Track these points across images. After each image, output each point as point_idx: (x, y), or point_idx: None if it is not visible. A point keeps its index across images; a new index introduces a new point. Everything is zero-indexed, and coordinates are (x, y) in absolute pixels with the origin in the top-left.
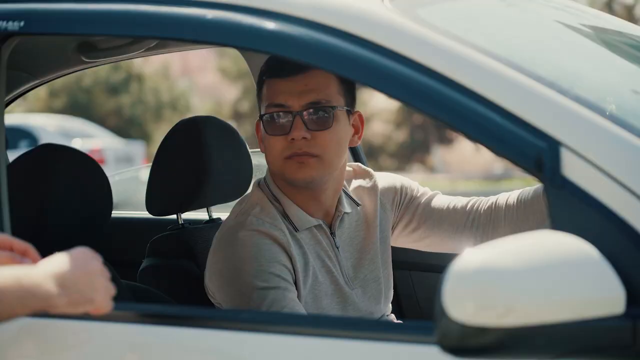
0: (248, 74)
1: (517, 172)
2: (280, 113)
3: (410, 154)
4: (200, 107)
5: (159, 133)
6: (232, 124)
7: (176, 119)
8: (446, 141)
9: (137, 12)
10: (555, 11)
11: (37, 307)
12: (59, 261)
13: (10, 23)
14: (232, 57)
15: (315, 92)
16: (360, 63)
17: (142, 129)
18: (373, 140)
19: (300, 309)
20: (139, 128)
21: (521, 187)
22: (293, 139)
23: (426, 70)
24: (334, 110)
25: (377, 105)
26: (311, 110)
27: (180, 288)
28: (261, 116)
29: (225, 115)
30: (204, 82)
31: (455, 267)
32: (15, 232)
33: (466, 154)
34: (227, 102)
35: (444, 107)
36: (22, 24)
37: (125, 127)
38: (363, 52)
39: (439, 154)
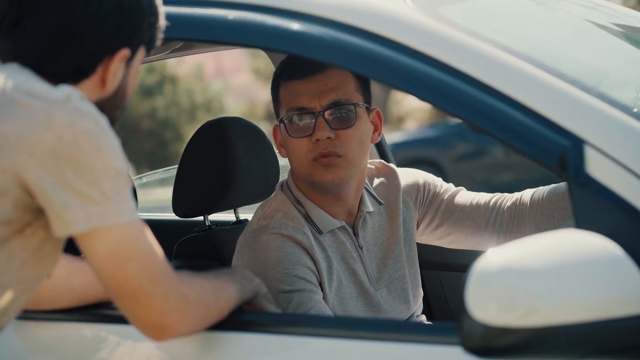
0: None
1: None
2: (303, 115)
3: None
4: (234, 108)
5: None
6: (266, 124)
7: None
8: None
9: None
10: (585, 10)
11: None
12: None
13: None
14: (266, 58)
15: (335, 91)
16: (382, 62)
17: (177, 130)
18: None
19: (327, 310)
20: (173, 130)
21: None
22: (318, 139)
23: (448, 68)
24: (356, 107)
25: (411, 104)
26: (333, 109)
27: None
28: (281, 120)
29: (259, 116)
30: (237, 83)
31: (478, 267)
32: None
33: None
34: (261, 103)
35: (466, 105)
36: None
37: (160, 129)
38: (385, 51)
39: None
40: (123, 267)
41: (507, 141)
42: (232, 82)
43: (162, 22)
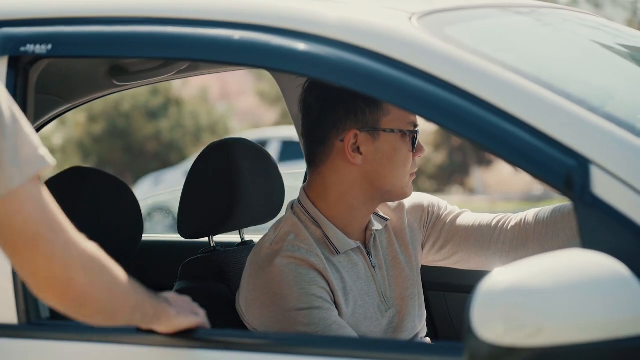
0: None
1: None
2: (417, 131)
3: (449, 175)
4: (239, 131)
5: None
6: None
7: None
8: (485, 162)
9: (165, 34)
10: (591, 30)
11: (151, 315)
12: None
13: (38, 46)
14: (271, 81)
15: None
16: (388, 82)
17: (182, 153)
18: None
19: (347, 326)
20: (178, 152)
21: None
22: (419, 155)
23: (454, 89)
24: None
25: None
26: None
27: (212, 311)
28: (401, 130)
29: None
30: (242, 105)
31: (484, 286)
32: None
33: (505, 175)
34: (265, 125)
35: (472, 126)
36: (49, 47)
37: (165, 151)
38: (391, 71)
39: (478, 176)
40: (21, 209)
41: (514, 161)
42: (237, 105)
43: None
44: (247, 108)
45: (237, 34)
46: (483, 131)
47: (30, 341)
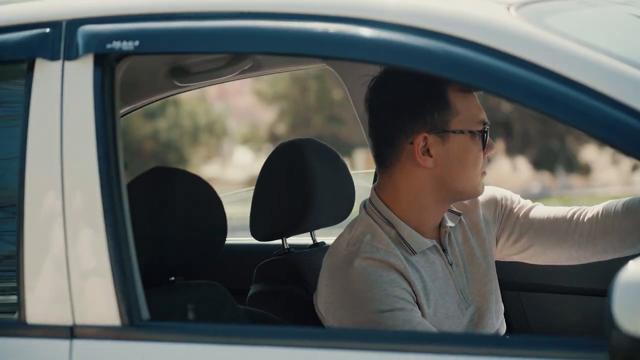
0: (284, 96)
1: (555, 191)
2: (486, 129)
3: None
4: (237, 130)
5: (196, 157)
6: (269, 146)
7: (213, 143)
8: None
9: (250, 27)
10: None
11: None
12: None
13: (125, 43)
14: (268, 80)
15: None
16: (493, 73)
17: (179, 152)
18: None
19: (431, 327)
20: (176, 152)
21: (558, 206)
22: (490, 152)
23: (562, 78)
24: None
25: None
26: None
27: (290, 313)
28: (470, 131)
29: (261, 138)
30: (240, 105)
31: (624, 277)
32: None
33: (503, 174)
34: (263, 125)
35: (579, 113)
36: (137, 43)
37: (162, 151)
38: (496, 62)
39: None
40: None
41: (625, 149)
42: (235, 104)
43: None
44: (245, 107)
45: (319, 26)
46: (591, 118)
47: (132, 343)
